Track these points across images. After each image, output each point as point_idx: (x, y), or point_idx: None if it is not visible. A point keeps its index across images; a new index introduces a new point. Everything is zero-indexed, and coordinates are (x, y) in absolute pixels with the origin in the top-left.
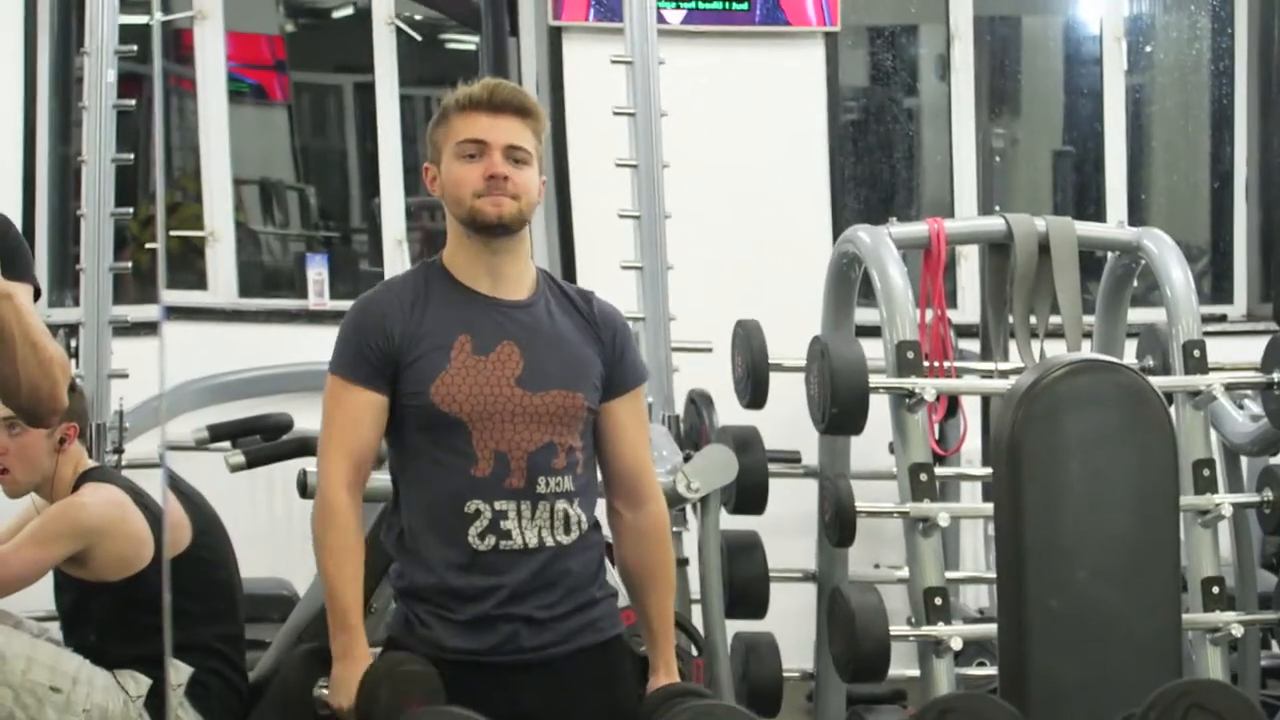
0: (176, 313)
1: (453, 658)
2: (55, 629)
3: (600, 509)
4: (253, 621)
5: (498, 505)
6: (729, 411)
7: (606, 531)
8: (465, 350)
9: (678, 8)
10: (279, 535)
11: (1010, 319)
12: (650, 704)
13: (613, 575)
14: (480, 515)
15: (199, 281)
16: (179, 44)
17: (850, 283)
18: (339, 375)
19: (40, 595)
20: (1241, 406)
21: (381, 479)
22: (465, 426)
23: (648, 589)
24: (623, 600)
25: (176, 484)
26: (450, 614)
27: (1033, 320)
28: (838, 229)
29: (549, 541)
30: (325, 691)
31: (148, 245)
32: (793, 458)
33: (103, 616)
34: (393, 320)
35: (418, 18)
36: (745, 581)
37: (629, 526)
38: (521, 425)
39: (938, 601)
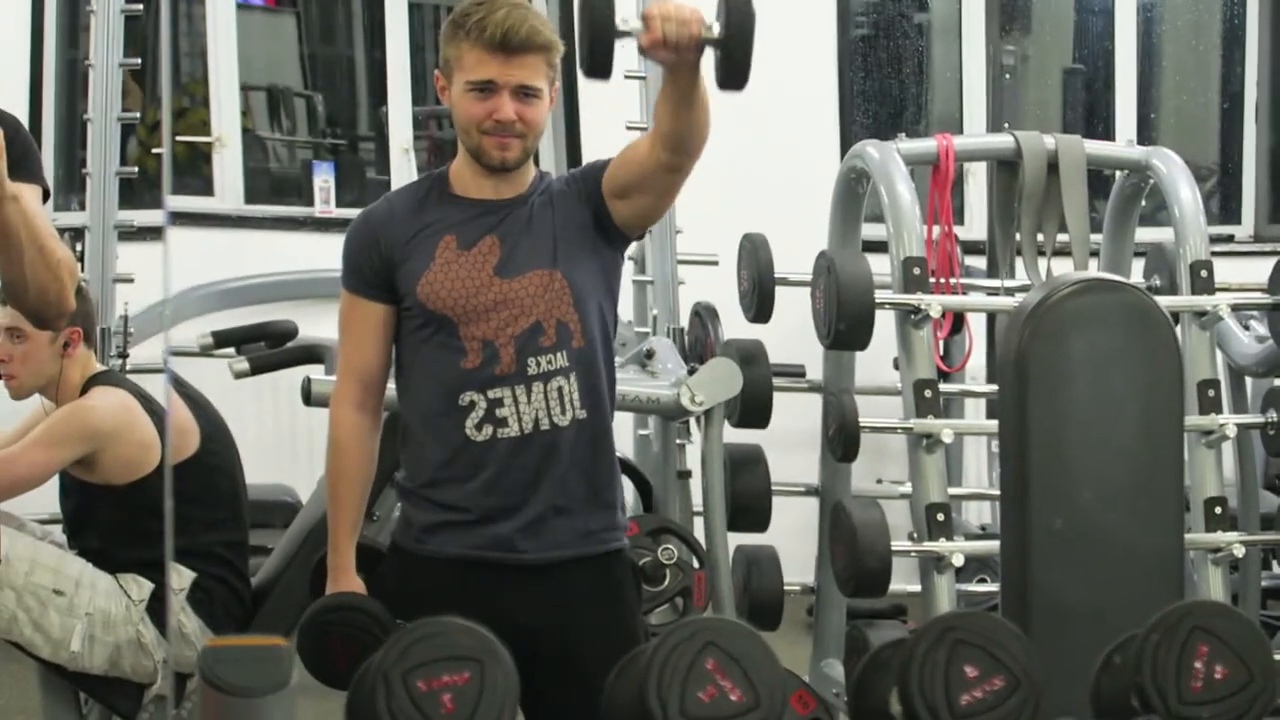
0: (183, 218)
1: (450, 558)
2: (59, 532)
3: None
4: (256, 528)
5: (491, 394)
6: (734, 325)
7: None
8: (450, 248)
9: None
10: (283, 442)
11: (1017, 236)
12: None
13: (623, 488)
14: (475, 406)
15: (205, 187)
16: None
17: (858, 198)
18: (346, 289)
19: (44, 498)
20: (1247, 327)
21: (392, 387)
22: (451, 320)
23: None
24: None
25: (184, 389)
26: (450, 513)
27: (1040, 238)
28: (846, 144)
29: (545, 424)
30: None
31: (154, 150)
32: (797, 372)
33: (107, 520)
34: (386, 230)
35: None
36: (748, 495)
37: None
38: (504, 311)
39: (940, 517)
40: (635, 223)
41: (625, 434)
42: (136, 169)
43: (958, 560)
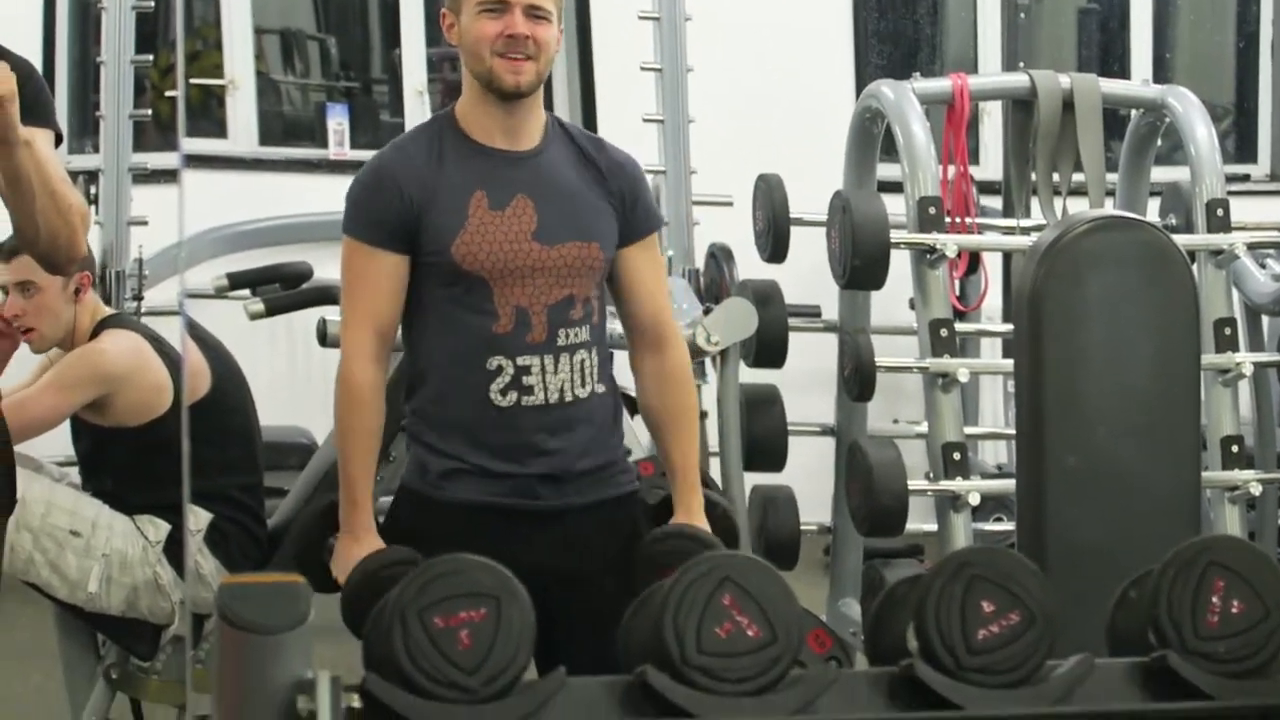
0: (197, 161)
1: (466, 503)
2: (75, 474)
3: (621, 362)
4: (271, 469)
5: (520, 360)
6: (749, 265)
7: (625, 384)
8: (482, 206)
9: None
10: (298, 383)
11: (1033, 176)
12: (648, 541)
13: (629, 428)
14: (503, 371)
15: (219, 130)
16: None
17: (873, 138)
18: (357, 238)
19: (63, 440)
20: (1264, 266)
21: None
22: (486, 283)
23: (671, 434)
24: (638, 452)
25: (196, 331)
26: (466, 464)
27: (1055, 178)
28: (861, 84)
29: (568, 396)
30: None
31: (168, 93)
32: (813, 312)
33: (121, 462)
34: (407, 179)
35: None
36: (764, 435)
37: (652, 373)
38: (540, 279)
39: (956, 456)
40: None
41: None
42: (150, 112)
43: (974, 499)
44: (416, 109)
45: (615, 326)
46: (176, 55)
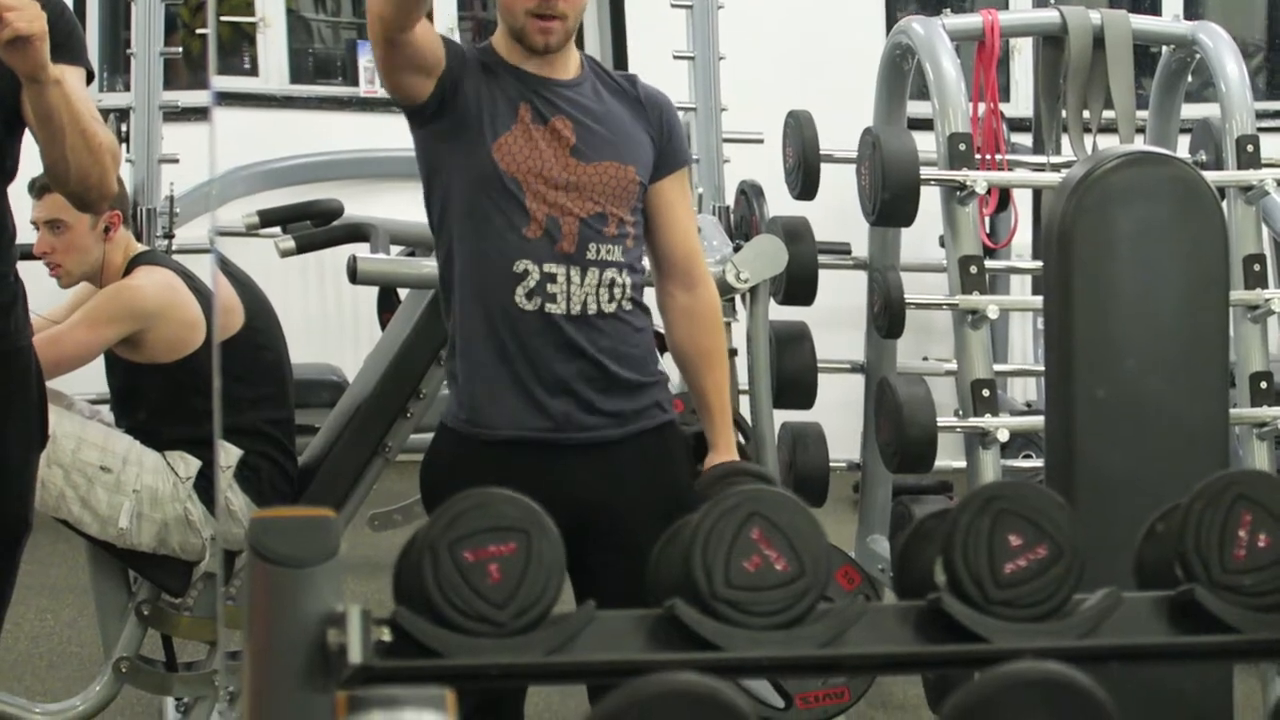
0: (228, 98)
1: (501, 435)
2: (107, 411)
3: (650, 299)
4: (301, 407)
5: (546, 268)
6: (779, 202)
7: (657, 321)
8: (526, 116)
9: None
10: (329, 321)
11: (1063, 113)
12: (706, 480)
13: (663, 363)
14: (528, 275)
15: (250, 68)
16: None
17: (903, 74)
18: None
19: (93, 377)
20: None
21: (432, 265)
22: (521, 187)
23: (703, 370)
24: (673, 388)
25: (228, 268)
26: (498, 391)
27: (1085, 114)
28: (891, 21)
29: (592, 309)
30: None
31: (198, 31)
32: (843, 249)
33: (153, 398)
34: (472, 68)
35: None
36: (793, 372)
37: (682, 309)
38: (575, 193)
39: (985, 393)
40: None
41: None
42: (181, 50)
43: (1003, 435)
44: None
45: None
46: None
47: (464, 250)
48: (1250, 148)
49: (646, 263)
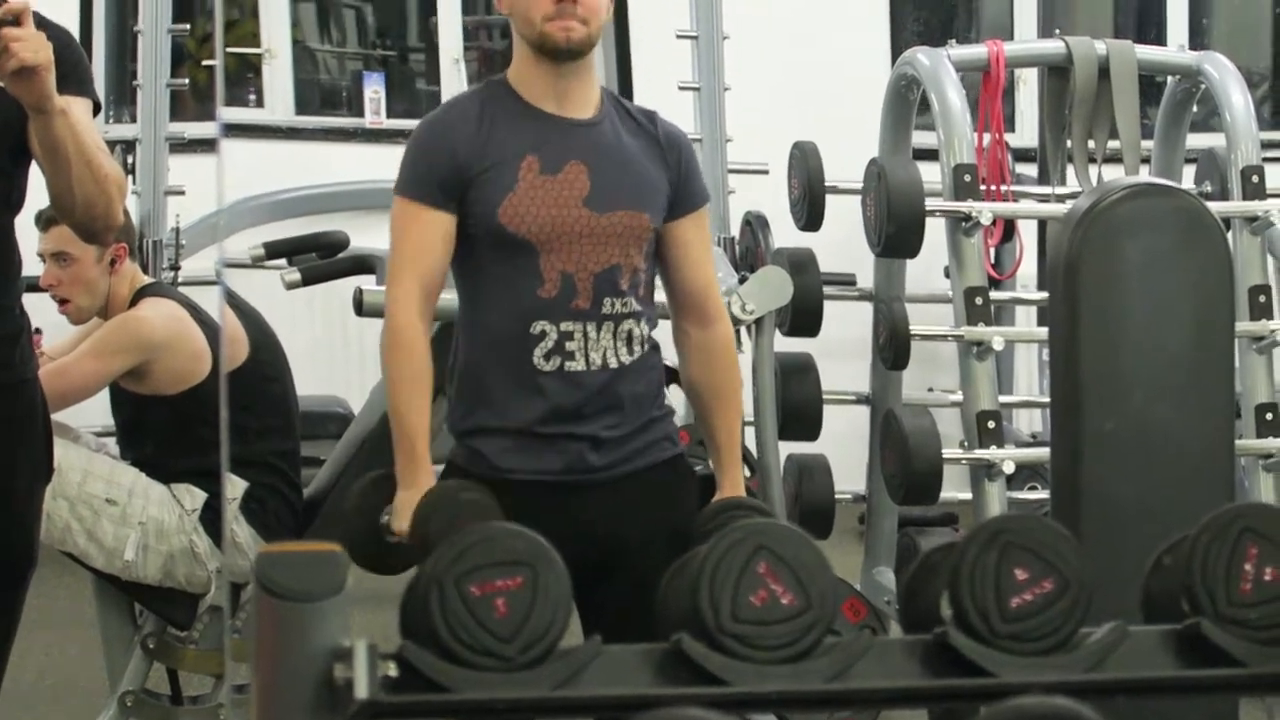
0: (233, 130)
1: (514, 478)
2: (113, 443)
3: (662, 332)
4: (307, 439)
5: (564, 326)
6: (785, 233)
7: (667, 355)
8: (533, 170)
9: None
10: (334, 353)
11: (1068, 143)
12: (706, 515)
13: (669, 394)
14: (546, 336)
15: (256, 99)
16: None
17: (908, 105)
18: (407, 197)
19: (99, 409)
20: None
21: (445, 297)
22: (533, 247)
23: (715, 409)
24: (678, 420)
25: (233, 299)
26: (507, 438)
27: (1091, 145)
28: (897, 52)
29: (612, 363)
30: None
31: (205, 62)
32: (848, 280)
33: (159, 430)
34: (458, 138)
35: None
36: (799, 403)
37: (697, 346)
38: (589, 246)
39: (991, 425)
40: None
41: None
42: (187, 81)
43: (1009, 467)
44: (453, 77)
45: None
46: (214, 24)
47: (478, 312)
48: (1255, 178)
49: (661, 294)
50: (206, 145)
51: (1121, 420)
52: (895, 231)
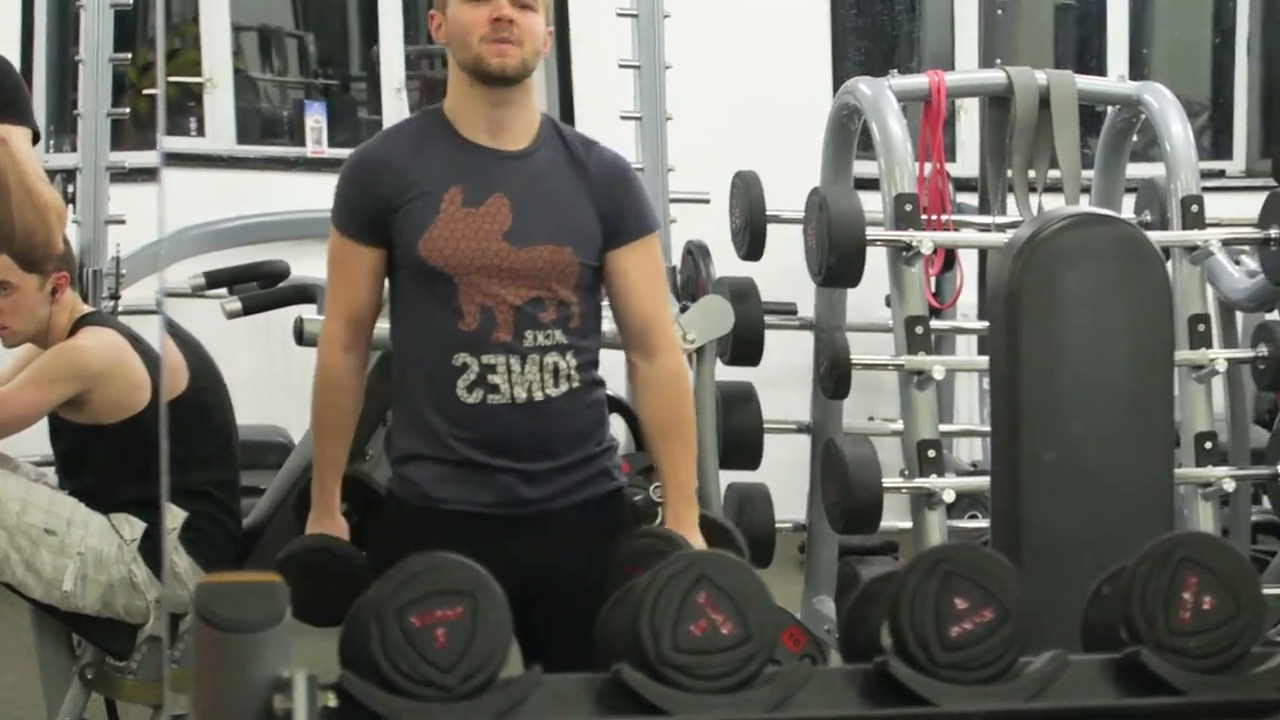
0: (175, 159)
1: (446, 508)
2: (52, 473)
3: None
4: (247, 468)
5: (485, 359)
6: (726, 263)
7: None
8: (455, 202)
9: None
10: (275, 382)
11: (1009, 173)
12: (620, 541)
13: (614, 428)
14: (468, 369)
15: (197, 128)
16: None
17: (850, 135)
18: (336, 228)
19: (38, 439)
20: (1238, 262)
21: (383, 326)
22: (451, 280)
23: (660, 443)
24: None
25: (173, 329)
26: (445, 468)
27: (1031, 174)
28: (838, 81)
29: (537, 395)
30: None
31: (146, 91)
32: (789, 309)
33: (98, 461)
34: (386, 171)
35: None
36: (740, 432)
37: (643, 379)
38: (508, 280)
39: (931, 454)
40: None
41: (618, 372)
42: (128, 110)
43: (949, 496)
44: (394, 106)
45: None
46: (155, 53)
47: (405, 342)
48: (1195, 208)
49: (609, 324)
50: (147, 174)
51: (1061, 449)
52: (836, 261)
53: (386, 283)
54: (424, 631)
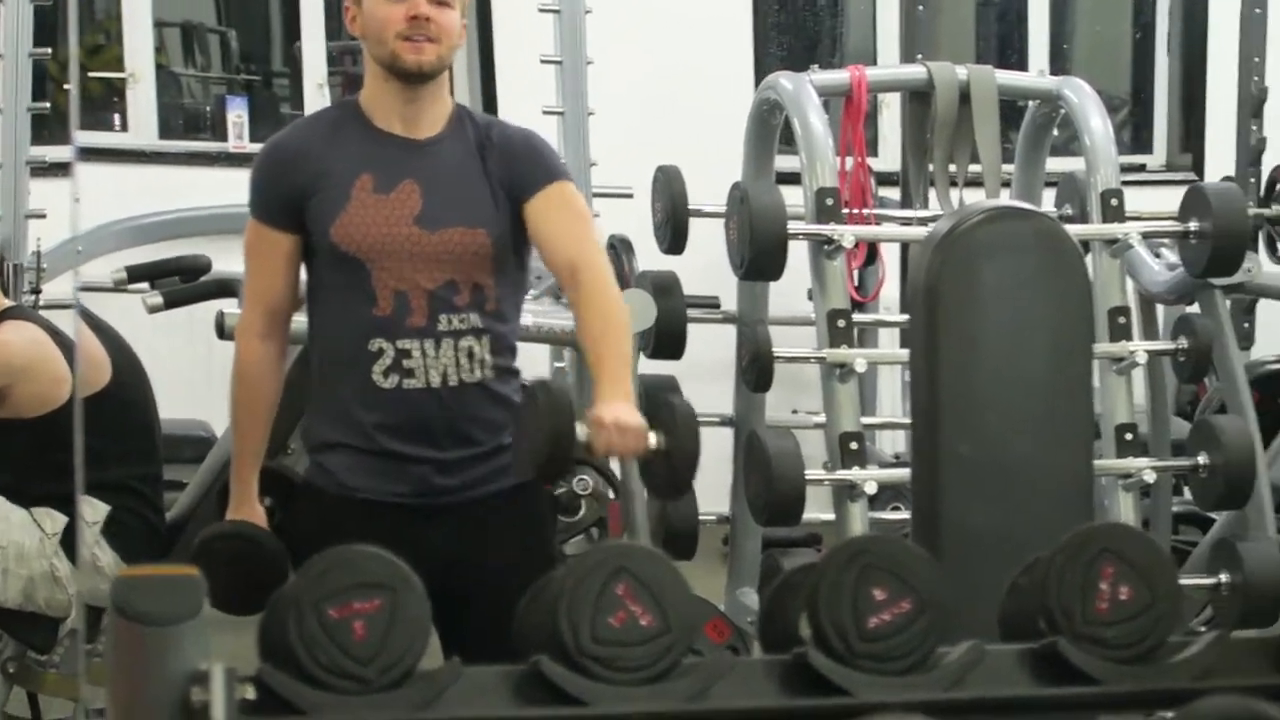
0: (96, 154)
1: (361, 497)
2: None
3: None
4: (170, 462)
5: (400, 344)
6: (649, 257)
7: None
8: (366, 189)
9: None
10: (197, 376)
11: (930, 167)
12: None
13: None
14: (384, 354)
15: (121, 124)
16: None
17: (771, 129)
18: (252, 215)
19: None
20: (1159, 255)
21: (301, 320)
22: (364, 265)
23: (592, 346)
24: None
25: (95, 323)
26: (362, 456)
27: (952, 169)
28: (760, 76)
29: (452, 380)
30: None
31: (67, 86)
32: (712, 303)
33: (19, 454)
34: (299, 159)
35: None
36: None
37: (576, 305)
38: (420, 264)
39: (853, 446)
40: None
41: (542, 366)
42: (49, 105)
43: (871, 488)
44: (316, 102)
45: (553, 322)
46: (70, 48)
47: (321, 329)
48: (1114, 201)
49: (530, 317)
50: (68, 169)
51: (980, 442)
52: (758, 255)
53: (304, 276)
54: (342, 624)
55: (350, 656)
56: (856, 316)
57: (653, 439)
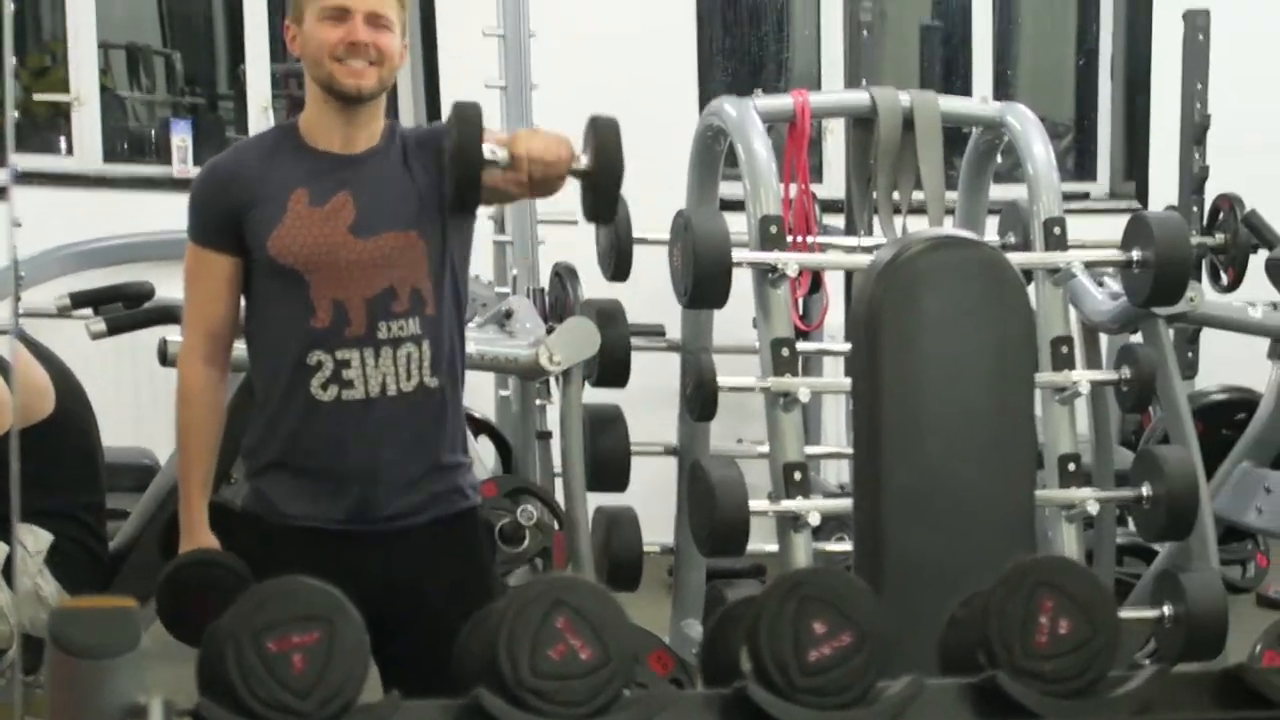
0: (41, 178)
1: (297, 524)
2: None
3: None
4: (114, 491)
5: (339, 355)
6: (593, 284)
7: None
8: (301, 202)
9: None
10: (141, 404)
11: (874, 194)
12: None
13: (473, 447)
14: (322, 366)
15: (67, 147)
16: None
17: (715, 155)
18: (192, 240)
19: None
20: (1101, 284)
21: (242, 347)
22: (302, 277)
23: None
24: (483, 474)
25: (39, 351)
26: (300, 479)
27: (896, 196)
28: (705, 101)
29: (391, 389)
30: None
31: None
32: (656, 331)
33: None
34: (235, 180)
35: None
36: (607, 455)
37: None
38: (358, 272)
39: (797, 476)
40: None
41: (486, 395)
42: None
43: (814, 519)
44: (261, 125)
45: (497, 350)
46: (4, 72)
47: (261, 347)
48: (1057, 230)
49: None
50: (3, 194)
51: (921, 472)
52: (701, 282)
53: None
54: (281, 657)
55: (289, 690)
56: (800, 345)
57: (583, 160)
